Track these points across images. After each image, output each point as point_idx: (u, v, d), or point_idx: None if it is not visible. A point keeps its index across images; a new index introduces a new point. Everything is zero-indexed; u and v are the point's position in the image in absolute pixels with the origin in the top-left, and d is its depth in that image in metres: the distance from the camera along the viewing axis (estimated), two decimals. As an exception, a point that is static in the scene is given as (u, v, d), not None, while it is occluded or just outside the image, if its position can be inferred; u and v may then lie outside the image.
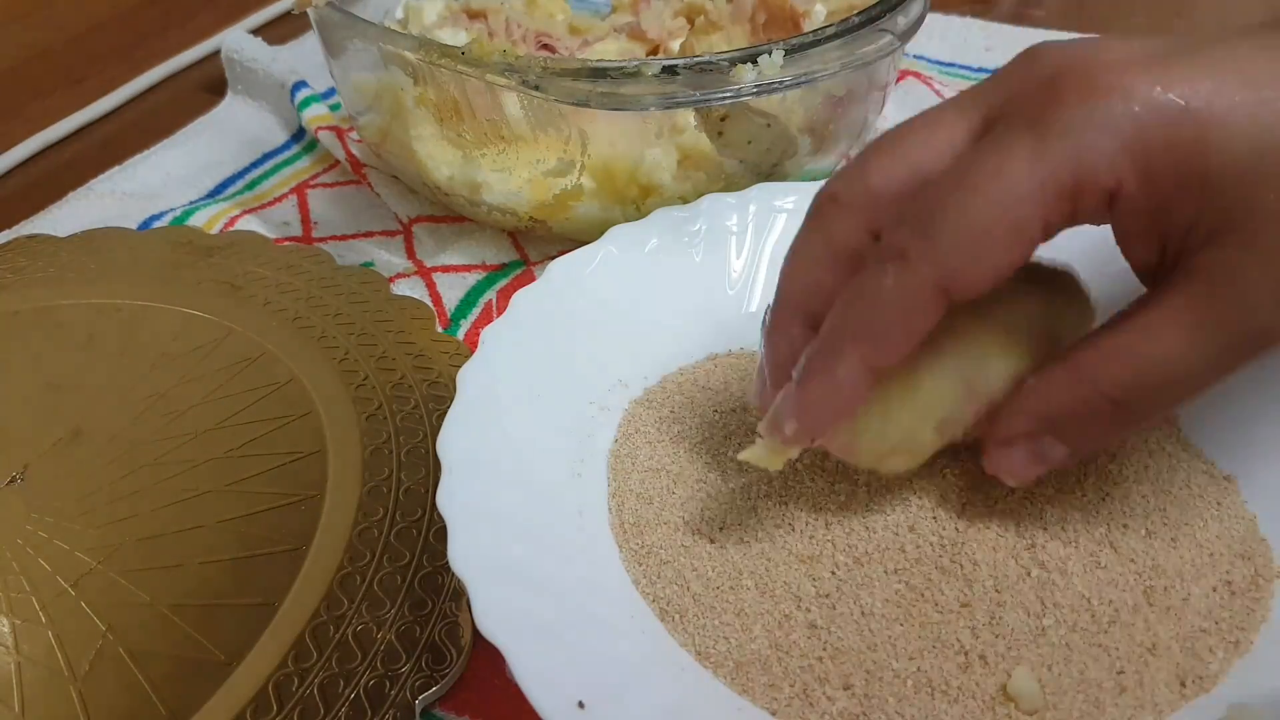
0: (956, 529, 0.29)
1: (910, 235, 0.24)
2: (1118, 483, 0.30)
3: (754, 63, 0.38)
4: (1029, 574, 0.28)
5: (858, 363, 0.25)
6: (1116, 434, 0.28)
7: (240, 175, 0.54)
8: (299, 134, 0.56)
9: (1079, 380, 0.25)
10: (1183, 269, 0.24)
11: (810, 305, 0.28)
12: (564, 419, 0.33)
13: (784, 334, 0.28)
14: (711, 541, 0.30)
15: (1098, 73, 0.23)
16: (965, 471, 0.31)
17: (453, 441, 0.29)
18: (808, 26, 0.46)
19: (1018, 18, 0.64)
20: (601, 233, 0.37)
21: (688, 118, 0.43)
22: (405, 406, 0.38)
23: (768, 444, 0.28)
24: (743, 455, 0.28)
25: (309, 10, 0.44)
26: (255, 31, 0.63)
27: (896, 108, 0.53)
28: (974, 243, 0.24)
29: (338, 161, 0.53)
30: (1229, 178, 0.23)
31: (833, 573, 0.29)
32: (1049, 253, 0.26)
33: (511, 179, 0.44)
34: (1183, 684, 0.26)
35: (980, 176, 0.23)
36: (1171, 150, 0.23)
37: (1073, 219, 0.24)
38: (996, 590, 0.28)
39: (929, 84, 0.57)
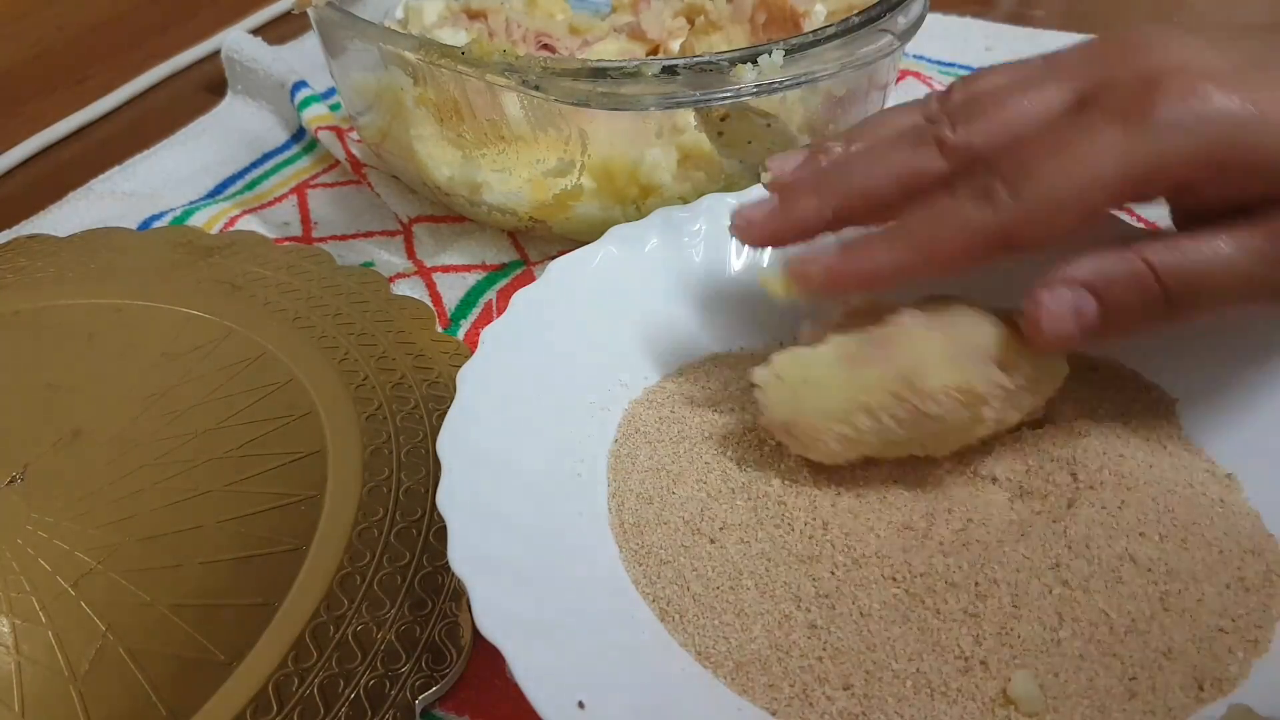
0: (983, 545, 0.29)
1: (1000, 185, 0.28)
2: (1130, 488, 0.30)
3: (754, 63, 0.38)
4: (1051, 592, 0.28)
5: (905, 261, 0.29)
6: (1149, 317, 0.28)
7: (240, 175, 0.54)
8: (299, 134, 0.56)
9: (1136, 254, 0.28)
10: (1256, 212, 0.27)
11: (862, 187, 0.31)
12: (564, 419, 0.33)
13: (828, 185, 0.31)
14: (711, 541, 0.30)
15: (1194, 80, 0.26)
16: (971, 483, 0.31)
17: (453, 441, 0.29)
18: (808, 26, 0.46)
19: (1018, 18, 0.64)
20: (601, 233, 0.37)
21: (688, 118, 0.43)
22: (405, 406, 0.38)
23: (787, 275, 0.31)
24: (763, 276, 0.32)
25: (309, 10, 0.44)
26: (255, 31, 0.63)
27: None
28: (1050, 211, 0.27)
29: (338, 161, 0.53)
30: None
31: (832, 573, 0.29)
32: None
33: (511, 179, 0.44)
34: (1200, 687, 0.26)
35: (1071, 160, 0.27)
36: (1251, 151, 0.26)
37: (1135, 200, 0.28)
38: (1014, 606, 0.27)
39: (929, 84, 0.57)
